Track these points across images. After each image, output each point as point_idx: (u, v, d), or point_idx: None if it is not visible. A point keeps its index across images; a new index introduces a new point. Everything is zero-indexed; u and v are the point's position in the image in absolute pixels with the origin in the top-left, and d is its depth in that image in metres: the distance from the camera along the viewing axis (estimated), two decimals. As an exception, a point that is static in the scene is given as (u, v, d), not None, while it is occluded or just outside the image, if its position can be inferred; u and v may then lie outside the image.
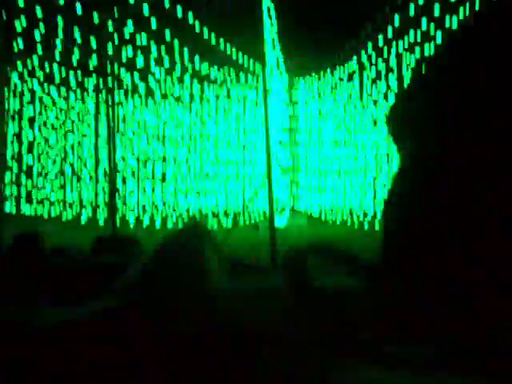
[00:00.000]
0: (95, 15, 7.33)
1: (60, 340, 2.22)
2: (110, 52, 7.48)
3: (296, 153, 10.60)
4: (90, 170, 9.34)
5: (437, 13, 7.06)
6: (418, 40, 7.51)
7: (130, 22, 7.51)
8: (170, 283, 1.45)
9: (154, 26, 7.56)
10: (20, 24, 7.53)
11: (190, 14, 7.65)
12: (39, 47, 7.92)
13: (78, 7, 7.24)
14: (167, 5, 7.44)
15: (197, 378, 1.60)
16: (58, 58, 8.10)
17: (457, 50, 1.74)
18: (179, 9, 7.56)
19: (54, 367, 2.02)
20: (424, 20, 7.31)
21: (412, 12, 7.39)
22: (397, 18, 7.65)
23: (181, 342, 1.57)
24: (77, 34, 7.62)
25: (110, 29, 7.37)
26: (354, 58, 8.89)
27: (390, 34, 7.94)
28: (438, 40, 6.95)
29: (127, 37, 7.68)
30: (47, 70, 8.66)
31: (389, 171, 8.41)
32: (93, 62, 8.01)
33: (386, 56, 8.30)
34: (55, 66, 8.58)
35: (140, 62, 8.11)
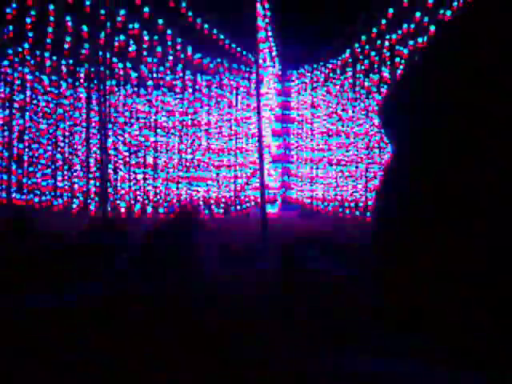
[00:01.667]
0: (87, 2, 7.25)
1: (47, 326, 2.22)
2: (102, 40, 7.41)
3: (288, 142, 10.60)
4: (82, 158, 9.27)
5: (430, 4, 7.06)
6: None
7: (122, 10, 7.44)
8: (161, 262, 1.46)
9: (146, 12, 7.50)
10: (11, 10, 7.46)
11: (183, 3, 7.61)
12: (30, 34, 7.83)
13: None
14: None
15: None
16: (49, 45, 8.02)
17: (449, 40, 1.74)
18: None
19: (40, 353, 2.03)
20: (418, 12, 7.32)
21: (405, 4, 7.39)
22: (390, 10, 7.63)
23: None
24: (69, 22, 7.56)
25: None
26: (347, 49, 8.90)
27: (383, 26, 7.93)
28: (431, 31, 6.96)
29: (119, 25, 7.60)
30: (38, 58, 8.58)
31: (380, 161, 8.42)
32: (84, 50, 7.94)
33: (379, 47, 8.30)
34: (46, 54, 8.49)
35: (132, 50, 8.04)
